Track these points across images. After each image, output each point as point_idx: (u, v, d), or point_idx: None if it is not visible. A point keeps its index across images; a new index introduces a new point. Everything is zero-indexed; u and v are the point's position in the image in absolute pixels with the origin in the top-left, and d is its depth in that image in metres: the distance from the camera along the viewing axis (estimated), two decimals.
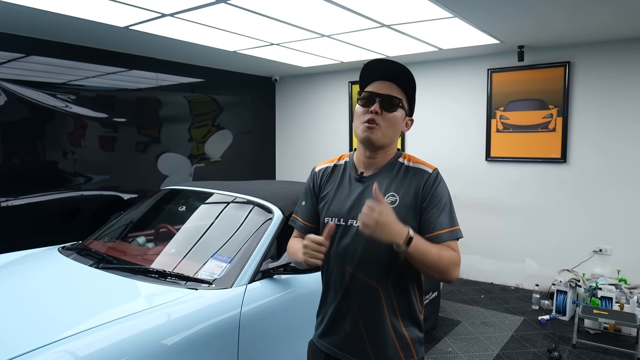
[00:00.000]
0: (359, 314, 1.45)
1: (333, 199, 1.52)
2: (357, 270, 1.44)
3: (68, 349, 1.68)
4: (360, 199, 1.45)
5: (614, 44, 4.29)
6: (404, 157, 1.53)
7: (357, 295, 1.45)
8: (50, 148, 4.47)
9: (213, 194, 3.11)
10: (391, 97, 1.45)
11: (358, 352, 1.46)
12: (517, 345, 3.52)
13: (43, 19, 3.57)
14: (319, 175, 1.61)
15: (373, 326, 1.44)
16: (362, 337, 1.45)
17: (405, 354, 1.45)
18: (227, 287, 2.25)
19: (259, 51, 4.73)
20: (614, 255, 4.40)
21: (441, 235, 1.39)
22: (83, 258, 2.67)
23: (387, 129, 1.45)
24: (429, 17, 3.48)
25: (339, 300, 1.48)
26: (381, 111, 1.44)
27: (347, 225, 1.46)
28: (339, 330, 1.50)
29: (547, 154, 4.68)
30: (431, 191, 1.43)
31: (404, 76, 1.47)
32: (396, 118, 1.47)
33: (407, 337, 1.45)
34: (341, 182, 1.54)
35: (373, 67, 1.49)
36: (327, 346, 1.53)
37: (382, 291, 1.43)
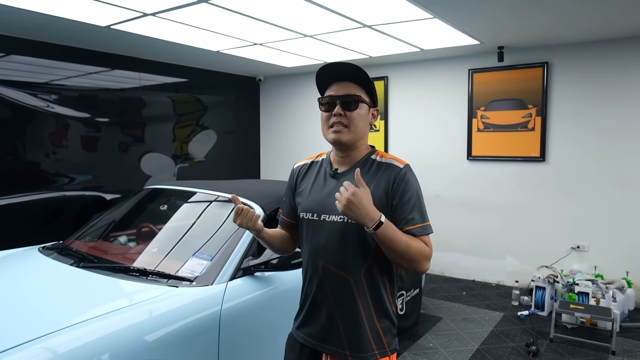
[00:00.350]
0: (333, 306, 1.50)
1: (308, 194, 1.57)
2: (330, 264, 1.49)
3: (47, 345, 1.69)
4: (334, 194, 1.48)
5: (590, 45, 4.39)
6: (376, 154, 1.57)
7: (331, 288, 1.50)
8: (32, 148, 4.43)
9: (196, 193, 3.12)
10: (350, 96, 1.49)
11: (333, 342, 1.50)
12: (496, 340, 3.59)
13: (23, 18, 3.54)
14: (297, 172, 1.68)
15: (347, 317, 1.49)
16: (337, 327, 1.50)
17: (377, 345, 1.49)
18: (208, 284, 2.27)
19: (242, 51, 4.74)
20: (591, 251, 4.51)
21: (412, 230, 1.43)
22: (64, 257, 2.67)
23: (354, 128, 1.50)
24: (409, 18, 3.53)
25: (315, 293, 1.53)
26: (344, 112, 1.48)
27: (320, 220, 1.51)
28: (315, 321, 1.54)
29: (527, 153, 4.77)
30: (401, 187, 1.46)
31: (356, 72, 1.50)
32: (360, 115, 1.51)
33: (379, 329, 1.50)
34: (317, 178, 1.59)
35: (326, 71, 1.53)
36: (303, 337, 1.57)
37: (354, 284, 1.47)
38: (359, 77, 1.50)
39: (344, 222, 1.46)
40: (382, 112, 5.66)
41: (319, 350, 1.53)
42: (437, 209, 5.33)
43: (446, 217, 5.27)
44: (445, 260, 5.32)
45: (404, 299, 3.52)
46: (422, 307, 4.10)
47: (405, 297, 3.53)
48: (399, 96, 5.57)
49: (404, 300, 3.52)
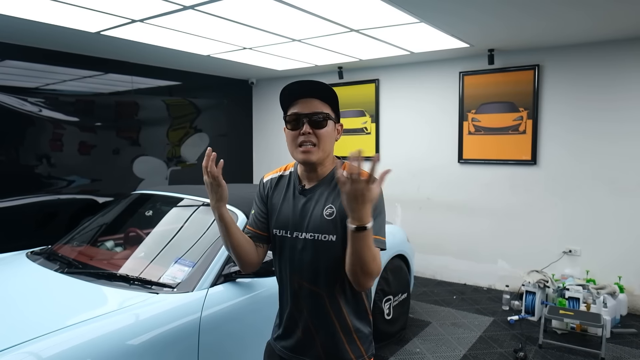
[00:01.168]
0: (309, 320, 1.51)
1: (280, 211, 1.55)
2: (303, 280, 1.49)
3: (31, 350, 1.71)
4: (304, 212, 1.50)
5: (581, 47, 4.39)
6: (343, 167, 1.52)
7: (306, 303, 1.51)
8: (26, 152, 4.46)
9: (182, 199, 3.13)
10: (318, 114, 1.46)
11: (311, 355, 1.51)
12: (484, 346, 3.58)
13: (16, 25, 3.58)
14: (267, 185, 1.64)
15: (323, 331, 1.50)
16: (314, 341, 1.51)
17: (355, 354, 1.51)
18: (189, 291, 2.28)
19: (233, 55, 4.75)
20: (583, 255, 4.50)
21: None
22: (49, 263, 2.69)
23: (322, 145, 1.47)
24: (395, 22, 3.54)
25: (291, 308, 1.54)
26: (312, 130, 1.45)
27: (293, 237, 1.50)
28: (292, 335, 1.55)
29: (518, 156, 4.76)
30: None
31: (322, 89, 1.48)
32: (328, 132, 1.48)
33: (356, 339, 1.51)
34: (286, 193, 1.57)
35: (290, 88, 1.49)
36: (280, 349, 1.58)
37: (328, 299, 1.48)
38: (325, 94, 1.48)
39: (315, 239, 1.46)
40: (373, 114, 5.66)
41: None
42: (428, 212, 5.34)
43: (437, 220, 5.27)
44: (436, 264, 5.32)
45: (391, 303, 3.52)
46: (411, 311, 4.11)
47: (392, 302, 3.53)
48: (390, 99, 5.58)
49: (391, 305, 3.52)
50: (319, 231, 1.46)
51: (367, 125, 5.72)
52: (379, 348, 3.43)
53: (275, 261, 1.60)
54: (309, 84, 1.48)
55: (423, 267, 5.34)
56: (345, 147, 5.73)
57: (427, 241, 5.28)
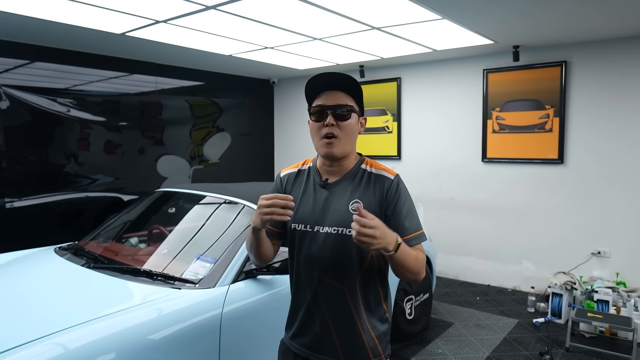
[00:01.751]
0: (328, 316, 1.49)
1: (299, 205, 1.54)
2: (325, 275, 1.48)
3: (58, 342, 1.76)
4: (326, 205, 1.49)
5: (611, 42, 4.26)
6: (366, 163, 1.54)
7: (326, 298, 1.49)
8: (54, 151, 4.58)
9: (205, 197, 3.17)
10: (342, 106, 1.46)
11: (328, 352, 1.50)
12: (508, 348, 3.51)
13: (45, 27, 3.67)
14: (284, 180, 1.63)
15: (342, 327, 1.48)
16: (332, 337, 1.49)
17: (373, 353, 1.50)
18: (210, 287, 2.30)
19: (254, 54, 4.78)
20: (613, 257, 4.36)
21: (409, 240, 1.42)
22: (76, 258, 2.75)
23: (345, 138, 1.47)
24: (417, 19, 3.50)
25: (309, 303, 1.52)
26: (336, 122, 1.45)
27: (314, 232, 1.49)
28: (309, 331, 1.53)
29: (544, 155, 4.66)
30: (395, 198, 1.45)
31: (347, 81, 1.48)
32: (352, 125, 1.48)
33: (374, 337, 1.50)
34: (306, 188, 1.56)
35: (316, 81, 1.49)
36: (296, 347, 1.57)
37: (349, 294, 1.47)
38: (350, 87, 1.48)
39: (338, 233, 1.45)
40: (395, 113, 5.62)
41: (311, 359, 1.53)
42: (451, 211, 5.27)
43: (460, 220, 5.19)
44: (460, 264, 5.24)
45: (413, 303, 3.48)
46: (433, 311, 4.06)
47: (414, 302, 3.49)
48: (412, 97, 5.52)
49: (413, 305, 3.48)
50: (343, 225, 1.44)
51: (389, 124, 5.68)
52: (401, 348, 3.40)
53: (292, 256, 1.58)
54: (334, 76, 1.47)
55: (446, 267, 5.27)
56: (367, 146, 5.72)
57: (450, 241, 5.21)
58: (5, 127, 4.19)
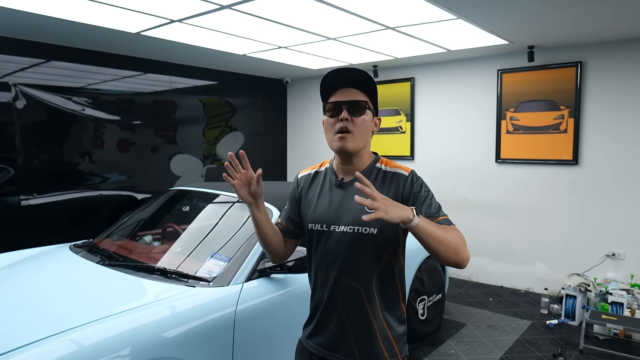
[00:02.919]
0: (344, 315, 1.49)
1: (316, 205, 1.55)
2: (341, 274, 1.48)
3: (73, 338, 1.78)
4: (342, 204, 1.50)
5: (627, 43, 4.20)
6: (381, 161, 1.55)
7: (342, 297, 1.49)
8: (68, 149, 4.63)
9: (218, 195, 3.19)
10: (357, 102, 1.47)
11: (344, 352, 1.50)
12: (521, 350, 3.49)
13: (61, 26, 3.71)
14: (301, 181, 1.65)
15: (358, 326, 1.48)
16: (348, 337, 1.49)
17: (389, 353, 1.49)
18: (224, 285, 2.31)
19: (268, 54, 4.80)
20: (627, 259, 4.31)
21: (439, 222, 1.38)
22: (91, 255, 2.79)
23: (359, 134, 1.47)
24: (432, 19, 3.49)
25: (325, 302, 1.52)
26: (350, 117, 1.45)
27: (330, 231, 1.50)
28: (325, 330, 1.54)
29: (558, 156, 4.61)
30: (412, 191, 1.45)
31: (363, 79, 1.48)
32: (366, 121, 1.48)
33: (390, 337, 1.49)
34: (322, 188, 1.57)
35: (332, 77, 1.50)
36: (313, 346, 1.57)
37: (365, 293, 1.47)
38: (365, 84, 1.48)
39: (354, 232, 1.45)
40: (409, 113, 5.60)
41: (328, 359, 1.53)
42: (464, 212, 5.24)
43: (474, 221, 5.16)
44: (473, 265, 5.20)
45: (425, 303, 3.47)
46: (446, 312, 4.05)
47: (426, 302, 3.48)
48: (426, 98, 5.50)
49: (426, 306, 3.47)
50: (358, 224, 1.44)
51: (402, 124, 5.66)
52: (413, 349, 3.39)
53: (310, 256, 1.59)
54: (350, 72, 1.48)
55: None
56: (380, 146, 5.70)
57: None
58: (21, 125, 4.25)
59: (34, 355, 1.66)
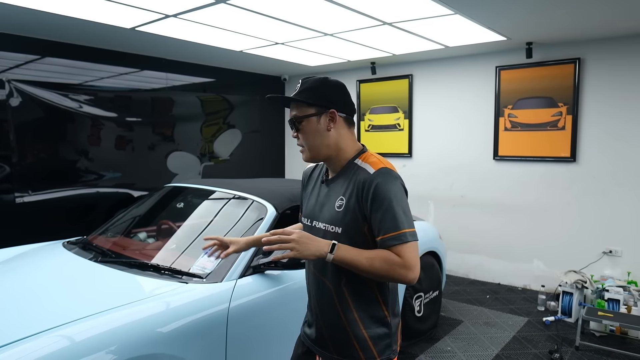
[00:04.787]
0: (318, 311, 1.55)
1: (308, 200, 1.63)
2: (316, 270, 1.54)
3: (64, 334, 1.77)
4: (323, 201, 1.54)
5: (625, 39, 4.18)
6: (361, 157, 1.51)
7: (316, 294, 1.56)
8: (64, 147, 4.61)
9: (214, 192, 3.17)
10: (291, 120, 1.55)
11: (322, 345, 1.55)
12: (518, 346, 3.48)
13: (56, 22, 3.69)
14: (305, 175, 1.75)
15: (330, 323, 1.52)
16: (322, 331, 1.54)
17: (365, 354, 1.46)
18: (217, 281, 2.30)
19: (265, 50, 4.77)
20: (624, 256, 4.30)
21: (385, 240, 1.35)
22: (85, 252, 2.77)
23: (311, 144, 1.52)
24: (429, 15, 3.47)
25: (309, 297, 1.62)
26: (297, 134, 1.53)
27: (312, 226, 1.55)
28: (312, 324, 1.60)
29: (556, 153, 4.60)
30: (370, 193, 1.37)
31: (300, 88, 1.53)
32: (307, 131, 1.51)
33: (366, 338, 1.46)
34: (315, 184, 1.64)
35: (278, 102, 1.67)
36: (304, 336, 1.65)
37: (335, 292, 1.48)
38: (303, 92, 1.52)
39: (326, 230, 1.48)
40: (406, 111, 5.58)
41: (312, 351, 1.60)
42: (462, 209, 5.23)
43: (471, 219, 5.15)
44: (470, 263, 5.20)
45: (422, 300, 3.46)
46: (443, 309, 4.04)
47: (423, 299, 3.47)
48: (424, 94, 5.48)
49: (422, 302, 3.46)
50: (329, 222, 1.48)
51: (400, 122, 5.64)
52: (409, 345, 3.38)
53: None
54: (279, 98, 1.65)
55: (456, 265, 5.24)
56: (378, 144, 5.69)
57: (461, 239, 5.17)
58: (16, 122, 4.22)
59: (25, 350, 1.65)
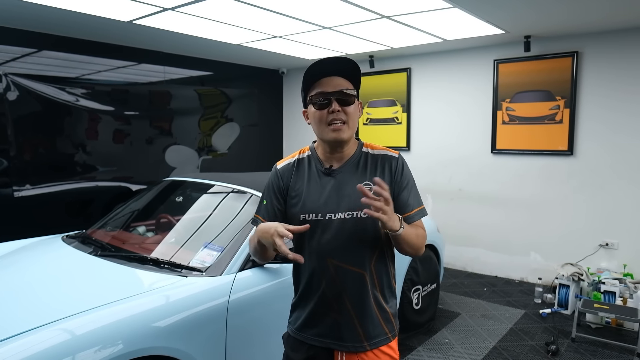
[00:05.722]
0: (347, 301, 1.48)
1: (307, 195, 1.50)
2: (342, 262, 1.47)
3: (65, 327, 1.78)
4: (335, 192, 1.48)
5: (623, 33, 4.19)
6: (366, 146, 1.57)
7: (344, 284, 1.48)
8: (62, 140, 4.60)
9: (212, 186, 3.17)
10: (346, 92, 1.45)
11: (350, 338, 1.49)
12: (515, 338, 3.51)
13: (53, 15, 3.67)
14: (282, 173, 1.58)
15: (361, 310, 1.49)
16: (352, 322, 1.49)
17: (388, 328, 1.54)
18: (217, 275, 2.31)
19: (263, 44, 4.76)
20: (620, 249, 4.33)
21: (413, 215, 1.50)
22: (84, 246, 2.77)
23: (352, 124, 1.48)
24: (427, 8, 3.46)
25: (323, 292, 1.49)
26: (341, 108, 1.44)
27: (326, 220, 1.47)
28: (324, 320, 1.51)
29: (554, 146, 4.61)
30: (401, 175, 1.52)
31: (348, 66, 1.46)
32: (355, 110, 1.49)
33: (389, 314, 1.55)
34: (310, 177, 1.53)
35: (318, 67, 1.46)
36: (311, 338, 1.53)
37: (367, 276, 1.49)
38: (351, 71, 1.47)
39: (353, 217, 1.45)
40: (405, 104, 5.58)
41: (332, 348, 1.51)
42: (460, 202, 5.25)
43: (469, 212, 5.17)
44: (468, 256, 5.23)
45: (420, 293, 3.48)
46: (440, 302, 4.07)
47: (421, 292, 3.50)
48: (422, 88, 5.48)
49: (420, 295, 3.48)
50: (353, 209, 1.45)
51: (398, 115, 5.64)
52: (407, 338, 3.41)
53: (302, 247, 1.53)
54: (334, 62, 1.46)
55: (454, 258, 5.26)
56: (376, 137, 5.69)
57: (458, 232, 5.19)
58: (14, 116, 4.21)
59: (25, 344, 1.65)
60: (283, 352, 1.64)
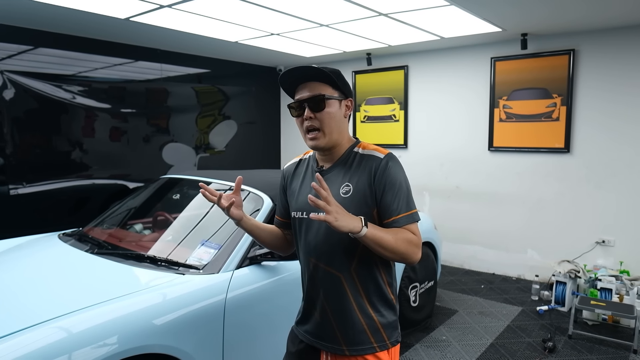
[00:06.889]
0: (325, 302, 1.49)
1: (299, 193, 1.56)
2: (319, 261, 1.49)
3: (61, 325, 1.77)
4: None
5: (620, 31, 4.20)
6: (359, 146, 1.54)
7: (322, 285, 1.50)
8: (58, 138, 4.58)
9: (210, 183, 3.16)
10: (315, 97, 1.45)
11: (329, 339, 1.50)
12: (512, 335, 3.52)
13: (49, 12, 3.65)
14: (287, 172, 1.68)
15: (340, 313, 1.48)
16: (330, 324, 1.49)
17: (375, 338, 1.47)
18: (214, 272, 2.31)
19: (260, 41, 4.75)
20: (617, 246, 4.35)
21: (398, 220, 1.41)
22: (80, 244, 2.77)
23: (328, 128, 1.46)
24: (425, 6, 3.46)
25: (309, 290, 1.54)
26: (314, 114, 1.45)
27: (309, 219, 1.49)
28: (311, 318, 1.55)
29: (551, 144, 4.62)
30: (384, 176, 1.43)
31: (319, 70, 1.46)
32: (331, 113, 1.47)
33: (377, 323, 1.47)
34: (305, 176, 1.58)
35: (288, 76, 1.49)
36: (302, 333, 1.58)
37: (345, 280, 1.46)
38: (324, 74, 1.46)
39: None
40: (402, 102, 5.59)
41: (316, 347, 1.53)
42: (457, 200, 5.26)
43: (466, 209, 5.18)
44: (465, 253, 5.24)
45: (417, 290, 3.49)
46: (438, 299, 4.08)
47: (419, 289, 3.50)
48: (419, 86, 5.48)
49: (418, 292, 3.49)
50: None
51: (396, 113, 5.64)
52: (405, 335, 3.42)
53: (296, 244, 1.61)
54: (306, 68, 1.45)
55: (451, 256, 5.28)
56: (373, 135, 5.69)
57: (456, 230, 5.20)
58: (10, 113, 4.19)
59: (22, 342, 1.65)
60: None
